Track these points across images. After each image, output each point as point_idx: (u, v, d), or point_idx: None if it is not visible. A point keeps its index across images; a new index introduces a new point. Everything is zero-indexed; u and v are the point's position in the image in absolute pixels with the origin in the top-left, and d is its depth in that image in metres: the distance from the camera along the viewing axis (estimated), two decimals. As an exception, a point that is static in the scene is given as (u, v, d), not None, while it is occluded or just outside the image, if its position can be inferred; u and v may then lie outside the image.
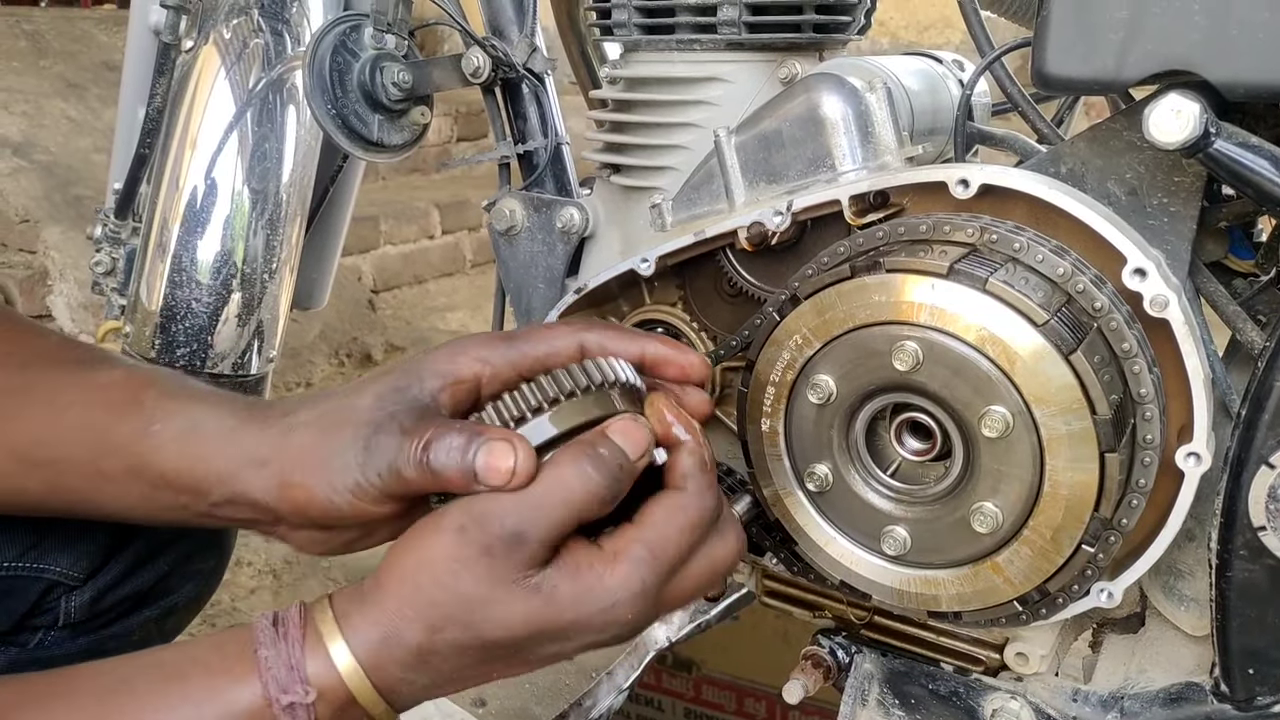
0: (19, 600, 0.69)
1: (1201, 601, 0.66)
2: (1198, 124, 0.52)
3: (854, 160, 0.67)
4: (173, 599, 0.76)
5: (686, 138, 0.74)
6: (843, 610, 0.75)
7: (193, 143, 0.98)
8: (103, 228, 1.17)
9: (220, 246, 0.98)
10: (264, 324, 1.02)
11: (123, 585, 0.73)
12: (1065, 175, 0.63)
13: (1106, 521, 0.59)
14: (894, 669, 0.73)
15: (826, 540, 0.66)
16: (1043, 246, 0.59)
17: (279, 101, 0.97)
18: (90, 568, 0.71)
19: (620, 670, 1.36)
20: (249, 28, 0.97)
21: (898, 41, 3.54)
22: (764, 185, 0.69)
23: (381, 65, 0.86)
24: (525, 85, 0.83)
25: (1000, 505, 0.59)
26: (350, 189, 1.16)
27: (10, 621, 0.69)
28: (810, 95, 0.68)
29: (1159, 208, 0.61)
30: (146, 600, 0.75)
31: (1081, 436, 0.57)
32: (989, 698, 0.70)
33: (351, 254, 2.63)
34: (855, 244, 0.63)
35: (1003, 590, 0.62)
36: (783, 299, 0.64)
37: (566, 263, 0.81)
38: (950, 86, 0.79)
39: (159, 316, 0.99)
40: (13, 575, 0.68)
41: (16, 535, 0.67)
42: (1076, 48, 0.56)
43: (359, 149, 0.86)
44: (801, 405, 0.64)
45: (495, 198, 0.83)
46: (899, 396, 0.62)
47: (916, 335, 0.59)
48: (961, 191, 0.61)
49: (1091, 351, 0.57)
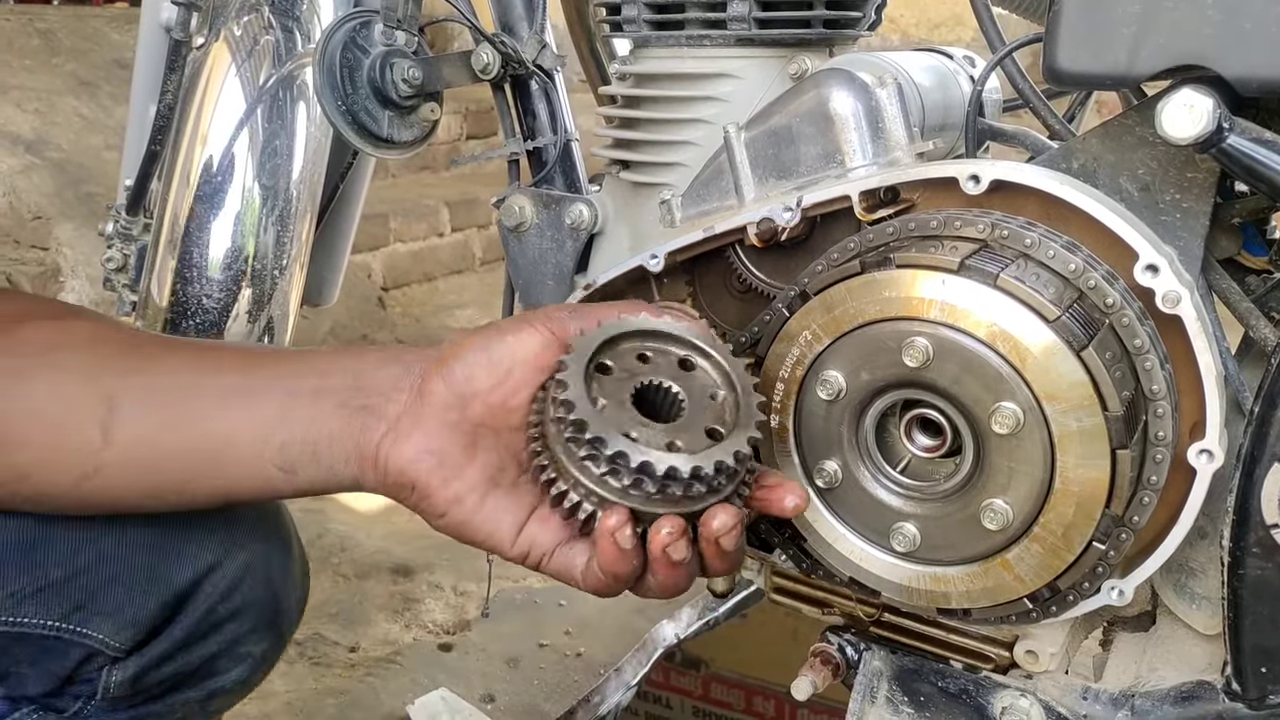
0: (57, 663, 0.66)
1: (1213, 600, 0.65)
2: (1211, 119, 0.52)
3: (864, 156, 0.67)
4: (219, 681, 0.72)
5: (696, 134, 0.74)
6: (852, 607, 0.74)
7: (204, 139, 0.98)
8: (114, 224, 1.18)
9: (231, 243, 0.99)
10: (274, 320, 1.02)
11: (168, 663, 0.69)
12: (1077, 171, 0.63)
13: (1118, 519, 0.59)
14: (903, 666, 0.73)
15: (835, 537, 0.66)
16: (1054, 242, 0.59)
17: (289, 98, 0.97)
18: (134, 639, 0.67)
19: (628, 667, 1.36)
20: (260, 24, 0.97)
21: (908, 39, 3.53)
22: (774, 181, 0.69)
23: (391, 62, 0.86)
24: (535, 82, 0.83)
25: (1011, 502, 0.59)
26: (360, 186, 1.16)
27: (48, 684, 0.66)
28: (820, 91, 0.67)
29: (1171, 204, 0.61)
30: (191, 680, 0.71)
31: (1093, 433, 0.57)
32: (998, 695, 0.69)
33: (361, 251, 2.63)
34: (865, 240, 0.63)
35: (1013, 587, 0.62)
36: (792, 295, 0.64)
37: (576, 259, 0.81)
38: (961, 82, 0.79)
39: (169, 312, 0.99)
40: (54, 636, 0.65)
41: (63, 594, 0.65)
42: (1089, 42, 0.56)
43: (369, 145, 0.87)
44: (811, 401, 0.64)
45: (505, 194, 0.83)
46: (909, 393, 0.61)
47: (927, 331, 0.59)
48: (973, 187, 0.61)
49: (1103, 348, 0.57)
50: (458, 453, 0.57)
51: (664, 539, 0.54)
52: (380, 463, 0.58)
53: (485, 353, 0.58)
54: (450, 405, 0.57)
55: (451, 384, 0.57)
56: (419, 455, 0.57)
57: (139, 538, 0.66)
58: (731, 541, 0.55)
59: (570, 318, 0.59)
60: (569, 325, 0.59)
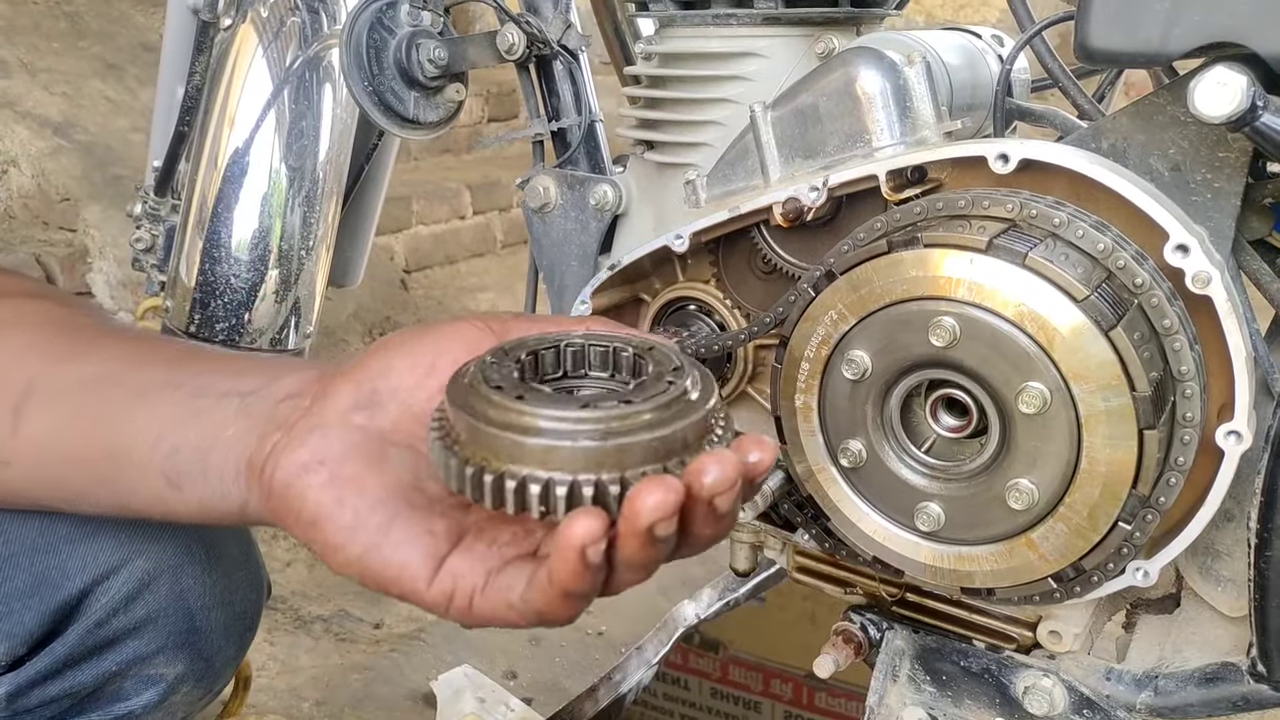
0: None
1: (1239, 582, 0.65)
2: (1244, 97, 0.51)
3: (891, 135, 0.67)
4: (125, 705, 0.63)
5: (722, 113, 0.73)
6: (874, 587, 0.75)
7: (231, 120, 0.99)
8: (142, 205, 1.19)
9: (258, 223, 1.00)
10: (301, 301, 1.03)
11: (53, 681, 0.61)
12: (1107, 151, 0.62)
13: (1144, 499, 0.59)
14: (926, 646, 0.73)
15: (859, 516, 0.66)
16: (1083, 222, 0.59)
17: (316, 79, 0.98)
18: (11, 653, 0.59)
19: (649, 645, 1.37)
20: (286, 6, 0.97)
21: (934, 19, 3.50)
22: (800, 161, 0.69)
23: (417, 42, 0.86)
24: (559, 62, 0.83)
25: (1036, 482, 0.59)
26: (385, 167, 1.17)
27: None
28: (848, 70, 0.67)
29: (1202, 184, 0.60)
30: (91, 703, 0.63)
31: (1120, 413, 0.56)
32: (1021, 675, 0.70)
33: (384, 234, 2.64)
34: (892, 219, 0.63)
35: (1037, 567, 0.62)
36: (818, 275, 0.64)
37: (600, 240, 0.81)
38: (989, 62, 0.78)
39: (198, 292, 1.00)
40: None
41: None
42: (1121, 20, 0.56)
43: (395, 126, 0.87)
44: (836, 381, 0.64)
45: (529, 175, 0.83)
46: (935, 373, 0.61)
47: (954, 311, 0.58)
48: (1001, 166, 0.61)
49: (1132, 328, 0.57)
50: (359, 464, 0.44)
51: (651, 510, 0.37)
52: (266, 477, 0.46)
53: (406, 346, 0.48)
54: (357, 406, 0.46)
55: (361, 381, 0.47)
56: (309, 465, 0.44)
57: (20, 538, 0.60)
58: (729, 501, 0.39)
59: (515, 320, 0.50)
60: (511, 325, 0.49)
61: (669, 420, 0.41)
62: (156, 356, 0.54)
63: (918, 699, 0.73)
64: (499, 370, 0.43)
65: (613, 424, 0.40)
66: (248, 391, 0.50)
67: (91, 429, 0.52)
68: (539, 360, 0.46)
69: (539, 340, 0.46)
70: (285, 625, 1.54)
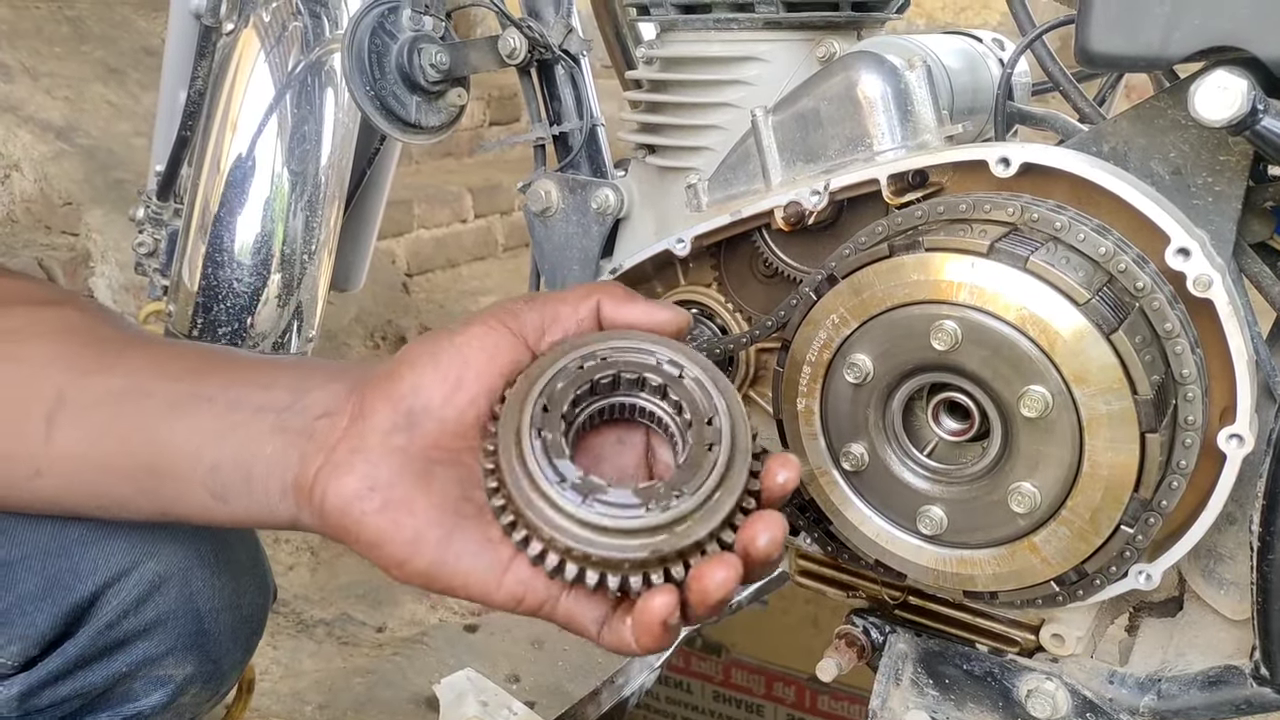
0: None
1: (1241, 585, 0.65)
2: (1245, 101, 0.51)
3: (892, 139, 0.67)
4: (135, 706, 0.64)
5: (723, 118, 0.74)
6: (877, 590, 0.75)
7: (233, 125, 0.99)
8: (145, 209, 1.19)
9: (260, 228, 1.00)
10: (303, 305, 1.03)
11: (65, 682, 0.62)
12: (1108, 154, 0.62)
13: (1146, 503, 0.59)
14: (928, 649, 0.73)
15: (861, 519, 0.66)
16: (1084, 226, 0.59)
17: (318, 84, 0.98)
18: (23, 655, 0.60)
19: (652, 650, 1.37)
20: (288, 10, 0.98)
21: (935, 23, 3.50)
22: (801, 165, 0.69)
23: (419, 47, 0.86)
24: (561, 66, 0.83)
25: (1038, 485, 0.59)
26: (387, 171, 1.17)
27: None
28: (849, 74, 0.67)
29: (1203, 187, 0.60)
30: (101, 703, 0.64)
31: (1122, 417, 0.56)
32: (1024, 678, 0.70)
33: (385, 237, 2.65)
34: (893, 223, 0.63)
35: (1039, 571, 0.62)
36: (820, 279, 0.64)
37: (601, 244, 0.81)
38: (990, 65, 0.78)
39: (200, 296, 1.01)
40: None
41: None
42: (1121, 23, 0.56)
43: (397, 130, 0.87)
44: (838, 385, 0.64)
45: (531, 179, 0.83)
46: (937, 376, 0.61)
47: (955, 314, 0.59)
48: (1002, 170, 0.61)
49: (1133, 331, 0.57)
50: (408, 486, 0.48)
51: (658, 610, 0.45)
52: (316, 501, 0.49)
53: (432, 360, 0.50)
54: (396, 428, 0.49)
55: (396, 401, 0.49)
56: (360, 493, 0.48)
57: (33, 541, 0.61)
58: (778, 550, 0.47)
59: (527, 308, 0.52)
60: (525, 318, 0.51)
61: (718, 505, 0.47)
62: (181, 366, 0.56)
63: (920, 702, 0.73)
64: (549, 423, 0.48)
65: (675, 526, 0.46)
66: (281, 408, 0.52)
67: (128, 441, 0.54)
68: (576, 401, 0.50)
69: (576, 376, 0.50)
70: (288, 629, 1.54)
